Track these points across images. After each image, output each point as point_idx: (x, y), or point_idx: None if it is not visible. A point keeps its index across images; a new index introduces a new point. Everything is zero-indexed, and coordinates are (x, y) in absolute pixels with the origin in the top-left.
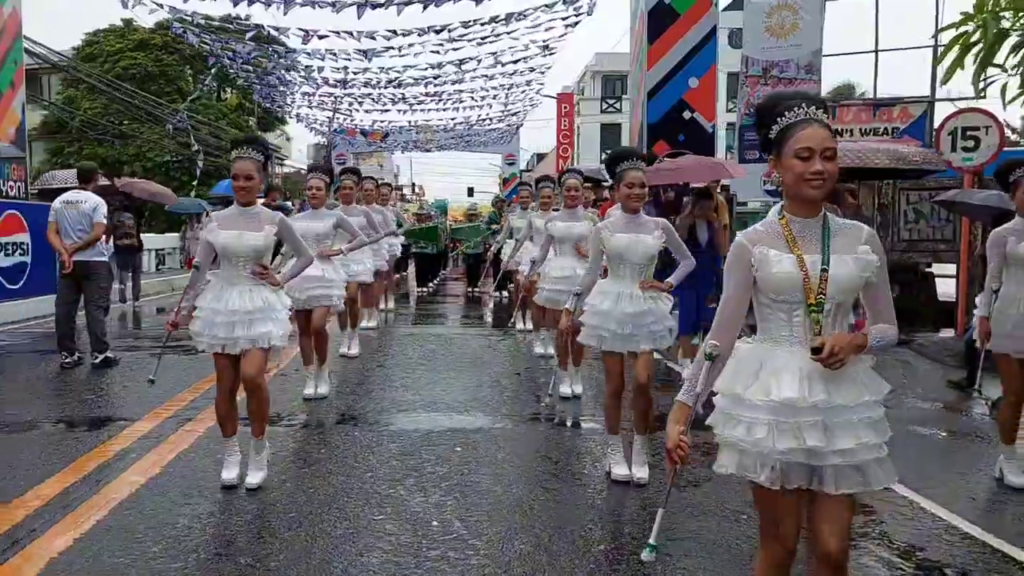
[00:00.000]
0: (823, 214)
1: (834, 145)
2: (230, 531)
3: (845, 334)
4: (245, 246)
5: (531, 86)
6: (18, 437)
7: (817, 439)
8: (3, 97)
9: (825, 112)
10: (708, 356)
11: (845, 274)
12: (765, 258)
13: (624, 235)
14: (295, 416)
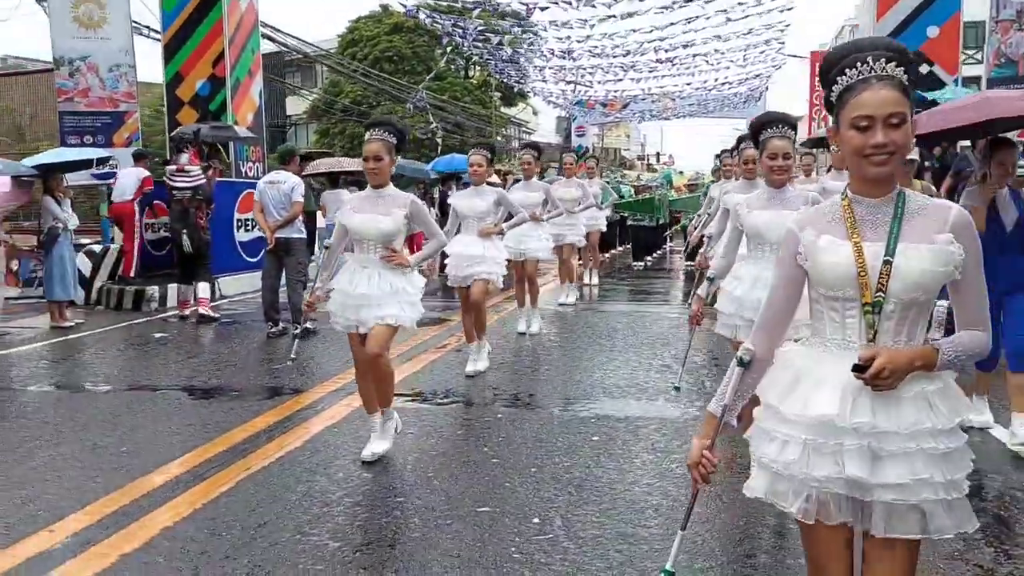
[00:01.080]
0: (897, 192)
1: (902, 110)
2: (341, 507)
3: (903, 350)
4: (375, 230)
5: (770, 45)
6: (185, 401)
7: (858, 468)
8: (242, 84)
9: (900, 66)
10: (740, 362)
11: (915, 268)
12: (814, 245)
13: (764, 212)
14: (452, 393)
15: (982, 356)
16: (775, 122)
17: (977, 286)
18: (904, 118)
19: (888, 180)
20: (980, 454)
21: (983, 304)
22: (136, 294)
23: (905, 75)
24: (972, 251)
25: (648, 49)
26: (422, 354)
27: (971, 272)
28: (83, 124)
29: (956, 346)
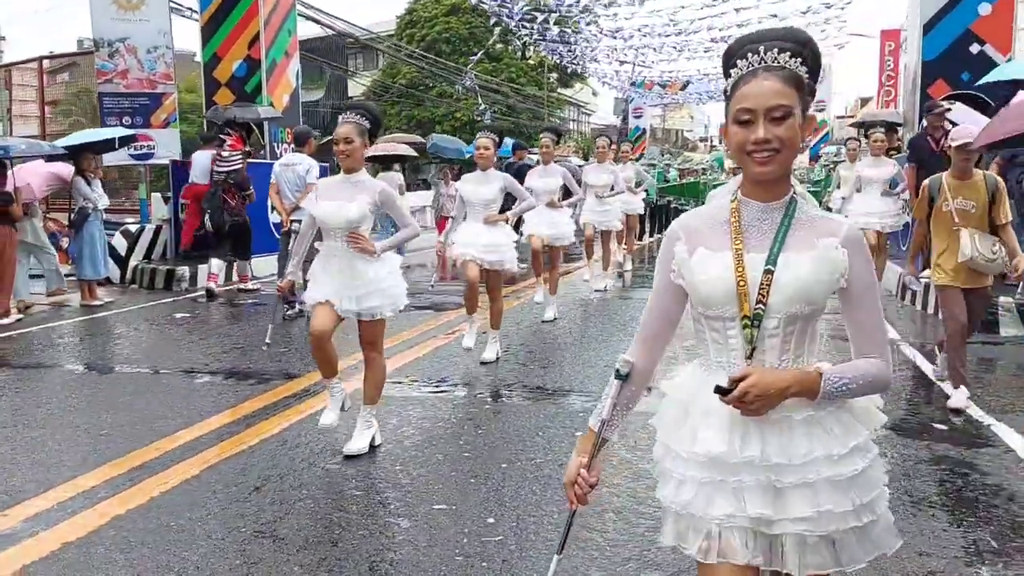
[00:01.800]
0: (789, 198)
1: (786, 103)
2: (297, 500)
3: (777, 373)
4: (339, 217)
5: (831, 24)
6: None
7: (760, 504)
8: (278, 65)
9: (797, 57)
10: (617, 374)
11: (797, 277)
12: (687, 263)
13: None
14: (448, 380)
15: (880, 388)
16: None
17: (870, 308)
18: (788, 112)
19: (778, 182)
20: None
21: (879, 329)
22: (167, 274)
23: (804, 67)
24: (863, 270)
25: (701, 27)
26: (430, 340)
27: (863, 292)
28: (122, 105)
29: (844, 374)
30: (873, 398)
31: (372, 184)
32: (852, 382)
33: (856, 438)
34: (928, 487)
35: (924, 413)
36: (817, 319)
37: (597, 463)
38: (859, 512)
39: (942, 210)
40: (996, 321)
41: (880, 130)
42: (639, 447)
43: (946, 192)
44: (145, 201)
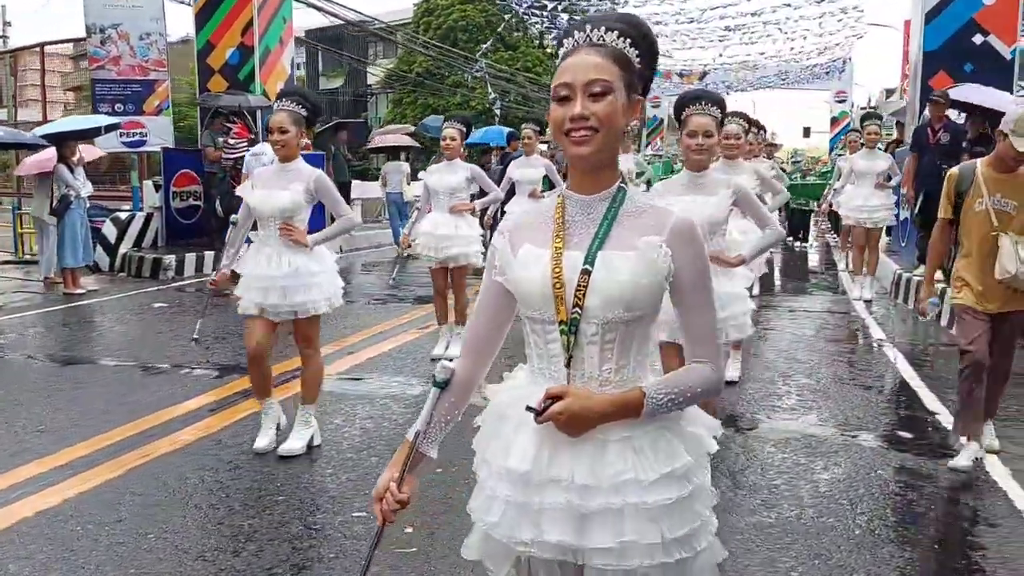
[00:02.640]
0: (616, 188)
1: (606, 78)
2: (215, 504)
3: (595, 397)
4: (271, 206)
5: (848, 14)
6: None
7: (561, 530)
8: (272, 53)
9: (625, 37)
10: (435, 381)
11: (614, 279)
12: (509, 259)
13: (683, 198)
14: (409, 375)
15: (711, 395)
16: (699, 99)
17: (700, 309)
18: (608, 88)
19: (602, 171)
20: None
21: (712, 333)
22: (154, 262)
23: (634, 49)
24: (693, 265)
25: (713, 16)
26: (402, 334)
27: (691, 292)
28: (114, 92)
29: (671, 387)
30: (708, 423)
31: (307, 172)
32: (680, 395)
33: (673, 465)
34: (879, 499)
35: (890, 419)
36: (647, 325)
37: (411, 478)
38: (669, 547)
39: (973, 209)
40: None
41: (875, 122)
42: None
43: (980, 186)
44: (137, 189)
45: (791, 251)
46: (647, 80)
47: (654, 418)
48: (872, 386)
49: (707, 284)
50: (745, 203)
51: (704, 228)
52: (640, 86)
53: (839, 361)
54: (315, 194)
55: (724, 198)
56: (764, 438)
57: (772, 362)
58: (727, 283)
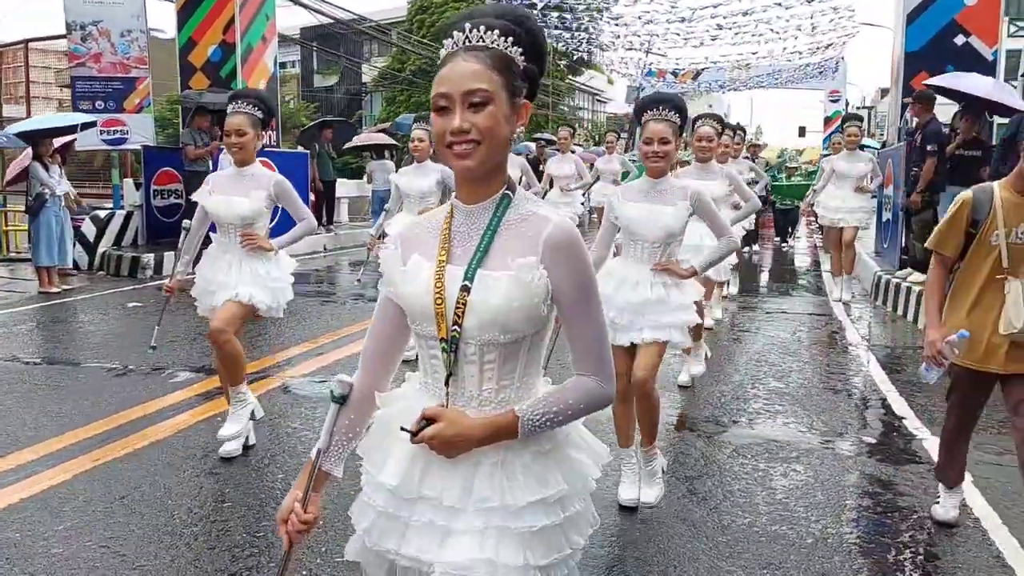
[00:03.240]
0: (500, 196)
1: (484, 86)
2: (138, 515)
3: (470, 421)
4: (231, 212)
5: (839, 13)
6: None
7: (418, 547)
8: (254, 51)
9: (507, 35)
10: (332, 396)
11: (489, 301)
12: (396, 270)
13: (638, 205)
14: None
15: (596, 409)
16: (658, 103)
17: (584, 321)
18: (488, 97)
19: (486, 179)
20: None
21: (597, 345)
22: (132, 261)
23: (517, 48)
24: (571, 279)
25: (704, 16)
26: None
27: (574, 304)
28: (95, 89)
29: (547, 407)
30: (596, 451)
31: (266, 177)
32: (558, 413)
33: (545, 492)
34: (835, 507)
35: (855, 424)
36: (532, 344)
37: (315, 498)
38: (528, 572)
39: (989, 243)
40: None
41: (856, 124)
42: None
43: (998, 215)
44: (118, 187)
45: (778, 251)
46: (534, 78)
47: (534, 441)
48: (841, 390)
49: (589, 295)
50: (703, 212)
51: (660, 238)
52: (525, 87)
53: (811, 364)
54: (276, 199)
55: (682, 209)
56: (725, 443)
57: (743, 365)
58: (676, 292)
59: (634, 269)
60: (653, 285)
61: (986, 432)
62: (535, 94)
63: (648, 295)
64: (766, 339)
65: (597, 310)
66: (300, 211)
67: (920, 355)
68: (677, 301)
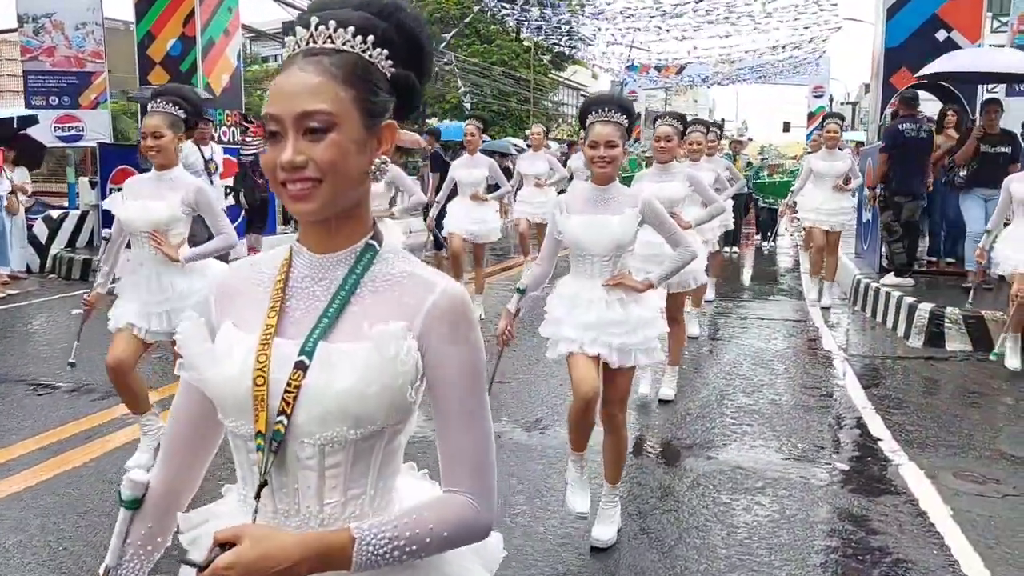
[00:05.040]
0: (362, 245)
1: (326, 108)
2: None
3: (285, 541)
4: (143, 219)
5: (821, 6)
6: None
7: None
8: (216, 45)
9: (366, 33)
10: (120, 500)
11: (333, 382)
12: (194, 347)
13: (583, 216)
14: None
15: (468, 541)
16: (603, 104)
17: (466, 421)
18: (331, 121)
19: (339, 223)
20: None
21: (479, 452)
22: (84, 263)
23: (380, 49)
24: (457, 360)
25: (686, 10)
26: None
27: (455, 395)
28: (48, 84)
29: (399, 531)
30: (488, 557)
31: (186, 182)
32: (413, 542)
33: None
34: (801, 549)
35: (828, 447)
36: (391, 437)
37: None
38: None
39: None
40: (941, 334)
41: (836, 121)
42: None
43: None
44: (74, 186)
45: (759, 252)
46: (410, 88)
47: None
48: (815, 407)
49: (476, 387)
50: (654, 221)
51: (608, 251)
52: (392, 102)
53: (784, 377)
54: (195, 207)
55: (630, 217)
56: (686, 471)
57: (711, 379)
58: (636, 307)
59: (586, 286)
60: (609, 303)
61: (968, 455)
62: (415, 107)
63: (605, 314)
64: (739, 349)
65: (483, 406)
66: (219, 224)
67: (899, 366)
68: (638, 317)
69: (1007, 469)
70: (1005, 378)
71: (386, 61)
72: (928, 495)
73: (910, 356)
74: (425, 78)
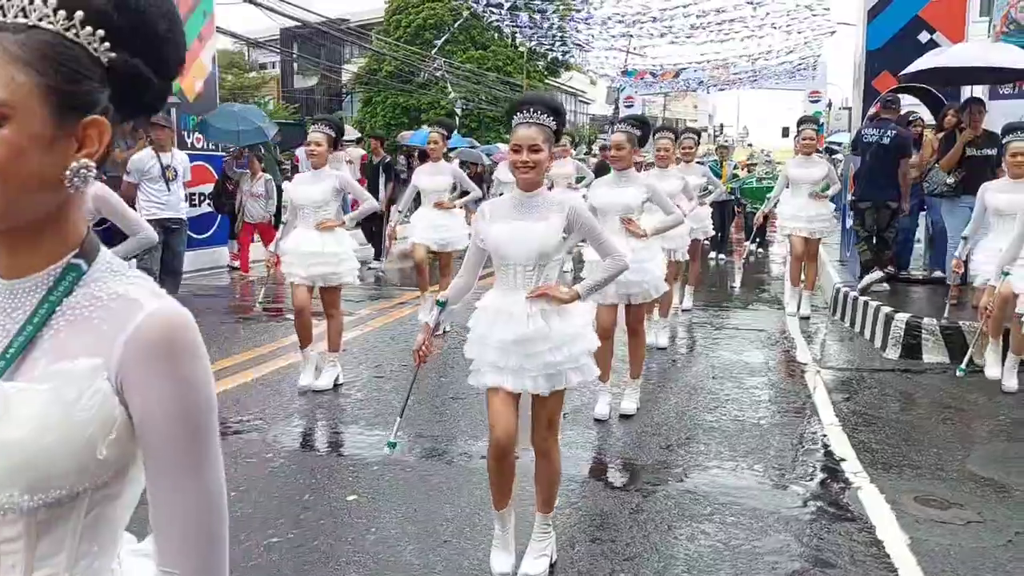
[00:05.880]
0: (61, 268)
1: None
2: None
3: None
4: None
5: (814, 11)
6: None
7: None
8: (190, 49)
9: (68, 8)
10: None
11: (5, 431)
12: None
13: (507, 224)
14: (272, 413)
15: None
16: (529, 105)
17: (184, 479)
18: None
19: (28, 240)
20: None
21: (200, 523)
22: None
23: (87, 27)
24: (172, 403)
25: (676, 14)
26: (284, 356)
27: (169, 448)
28: None
29: None
30: None
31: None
32: None
33: None
34: None
35: (786, 470)
36: (98, 504)
37: None
38: None
39: None
40: (919, 345)
41: (811, 127)
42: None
43: None
44: None
45: (748, 259)
46: (135, 77)
47: None
48: (779, 424)
49: (194, 436)
50: (582, 228)
51: (532, 260)
52: (102, 94)
53: (751, 391)
54: (97, 212)
55: (555, 224)
56: (630, 496)
57: (673, 394)
58: (560, 321)
59: (509, 299)
60: (530, 317)
61: (935, 477)
62: (148, 103)
63: (525, 332)
64: (707, 361)
65: (204, 460)
66: (132, 225)
67: (873, 379)
68: (561, 333)
69: (974, 493)
70: (983, 392)
71: (101, 44)
72: (886, 522)
73: (886, 369)
74: (167, 69)
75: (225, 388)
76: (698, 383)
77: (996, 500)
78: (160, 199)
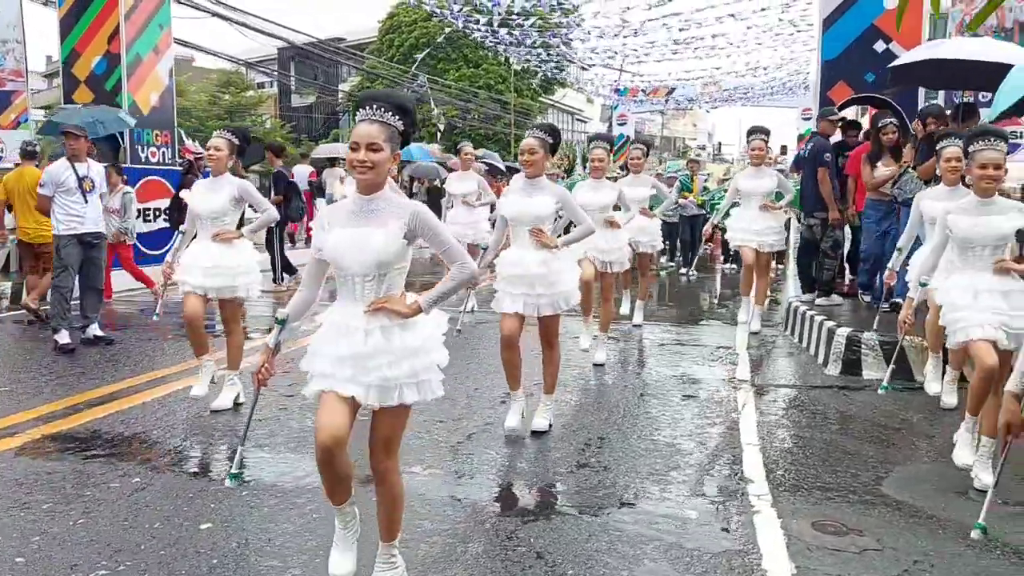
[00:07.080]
0: None
1: None
2: None
3: None
4: None
5: (798, 27)
6: None
7: None
8: (144, 63)
9: None
10: None
11: None
12: None
13: (343, 231)
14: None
15: None
16: (373, 100)
17: None
18: None
19: None
20: None
21: None
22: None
23: None
24: None
25: (655, 27)
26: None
27: None
28: None
29: None
30: None
31: None
32: None
33: None
34: None
35: (686, 488)
36: None
37: None
38: None
39: None
40: (858, 361)
41: (761, 137)
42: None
43: None
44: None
45: (721, 274)
46: None
47: None
48: (696, 444)
49: None
50: (426, 233)
51: (369, 269)
52: None
53: (677, 409)
54: None
55: (395, 231)
56: (503, 525)
57: (595, 412)
58: (401, 335)
59: (349, 311)
60: (368, 332)
61: (843, 500)
62: None
63: (360, 348)
64: (643, 377)
65: None
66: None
67: (808, 397)
68: (403, 347)
69: (880, 518)
70: (921, 410)
71: None
72: (775, 549)
73: (824, 385)
74: None
75: (120, 408)
76: (623, 400)
77: (903, 525)
78: (78, 212)
